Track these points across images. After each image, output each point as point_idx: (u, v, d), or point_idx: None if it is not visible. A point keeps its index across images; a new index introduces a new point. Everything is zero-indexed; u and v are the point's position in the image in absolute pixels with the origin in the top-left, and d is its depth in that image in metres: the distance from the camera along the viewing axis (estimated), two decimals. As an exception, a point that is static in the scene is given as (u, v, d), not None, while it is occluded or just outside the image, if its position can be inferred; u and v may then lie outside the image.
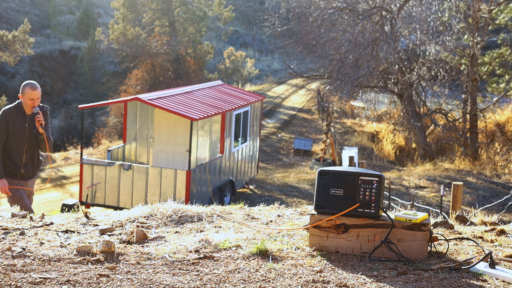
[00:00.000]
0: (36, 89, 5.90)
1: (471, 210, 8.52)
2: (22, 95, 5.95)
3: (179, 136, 13.97)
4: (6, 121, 5.96)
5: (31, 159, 6.17)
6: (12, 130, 5.98)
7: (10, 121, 5.95)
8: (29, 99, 5.89)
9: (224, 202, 14.17)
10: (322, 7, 21.81)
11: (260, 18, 29.33)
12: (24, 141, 6.05)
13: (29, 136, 6.06)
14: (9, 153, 6.05)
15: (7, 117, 5.95)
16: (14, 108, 6.04)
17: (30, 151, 6.12)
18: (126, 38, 30.57)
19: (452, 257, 3.22)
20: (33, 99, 5.90)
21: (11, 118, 5.95)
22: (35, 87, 5.91)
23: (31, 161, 6.17)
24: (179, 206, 4.20)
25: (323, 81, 24.05)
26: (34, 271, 2.92)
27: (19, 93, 5.99)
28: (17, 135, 6.00)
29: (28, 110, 6.00)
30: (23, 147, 6.07)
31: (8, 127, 5.97)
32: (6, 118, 5.95)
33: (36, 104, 5.95)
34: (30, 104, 5.91)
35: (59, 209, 13.75)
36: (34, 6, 42.60)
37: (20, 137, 6.02)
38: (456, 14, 22.01)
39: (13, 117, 5.96)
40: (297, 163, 21.35)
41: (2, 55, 24.01)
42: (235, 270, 3.04)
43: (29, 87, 5.88)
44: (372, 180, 3.29)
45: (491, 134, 22.84)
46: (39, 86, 6.02)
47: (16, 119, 5.98)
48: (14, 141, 6.01)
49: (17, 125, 5.99)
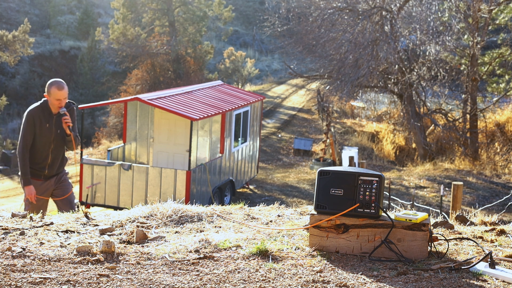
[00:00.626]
0: (62, 89, 5.58)
1: (471, 210, 8.52)
2: (48, 95, 5.63)
3: (179, 136, 13.97)
4: (33, 123, 5.66)
5: (56, 159, 5.89)
6: (38, 131, 5.69)
7: (37, 122, 5.66)
8: (56, 99, 5.58)
9: (224, 202, 14.17)
10: (322, 7, 21.80)
11: (260, 18, 29.33)
12: (50, 142, 5.77)
13: (56, 137, 5.79)
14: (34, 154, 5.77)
15: (34, 118, 5.65)
16: (40, 107, 5.72)
17: (56, 151, 5.85)
18: (126, 38, 30.57)
19: (452, 257, 3.22)
20: (60, 100, 5.60)
21: (37, 119, 5.65)
22: (61, 87, 5.59)
23: (56, 161, 5.89)
24: (179, 206, 4.20)
25: (323, 81, 24.05)
26: (34, 271, 2.92)
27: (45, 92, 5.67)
28: (43, 136, 5.72)
29: (55, 109, 5.69)
30: (49, 148, 5.79)
31: (35, 129, 5.68)
32: (33, 119, 5.65)
33: (63, 104, 5.65)
34: (56, 104, 5.62)
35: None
36: (34, 6, 42.60)
37: (46, 138, 5.73)
38: (456, 14, 22.01)
39: (40, 118, 5.67)
40: (297, 163, 21.35)
41: (2, 55, 24.01)
42: (235, 270, 3.04)
43: (55, 87, 5.57)
44: (372, 180, 3.29)
45: (491, 134, 22.83)
46: (65, 84, 5.71)
47: (43, 120, 5.68)
48: (40, 142, 5.73)
49: (43, 125, 5.70)
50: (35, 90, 35.56)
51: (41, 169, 5.79)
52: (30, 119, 5.64)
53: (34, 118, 5.65)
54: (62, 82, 5.66)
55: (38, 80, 36.00)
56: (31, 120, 5.64)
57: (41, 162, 5.78)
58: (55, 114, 5.72)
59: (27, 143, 5.69)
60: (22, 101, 34.42)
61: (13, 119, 31.90)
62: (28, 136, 5.67)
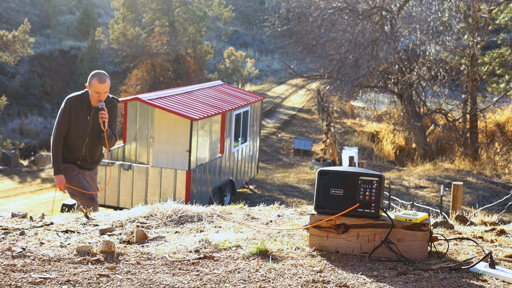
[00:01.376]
0: (104, 82, 5.25)
1: (471, 210, 8.52)
2: (89, 86, 5.33)
3: (179, 136, 13.97)
4: (69, 111, 5.37)
5: (91, 154, 5.60)
6: (74, 122, 5.40)
7: (73, 111, 5.36)
8: (95, 92, 5.28)
9: (224, 202, 14.17)
10: (322, 7, 21.81)
11: (260, 18, 29.34)
12: (85, 135, 5.47)
13: (92, 131, 5.46)
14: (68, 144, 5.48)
15: (71, 106, 5.36)
16: (80, 97, 5.42)
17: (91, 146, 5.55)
18: (126, 38, 30.58)
19: (452, 257, 3.22)
20: (99, 93, 5.28)
21: (74, 108, 5.36)
22: (103, 80, 5.26)
23: (90, 156, 5.60)
24: (179, 206, 4.20)
25: (323, 81, 24.06)
26: (34, 271, 2.92)
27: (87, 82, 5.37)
28: (78, 128, 5.42)
29: (94, 102, 5.39)
30: (83, 142, 5.50)
31: (70, 118, 5.39)
32: (70, 108, 5.36)
33: (102, 98, 5.32)
34: (96, 97, 5.31)
35: (59, 209, 13.74)
36: (34, 6, 42.60)
37: (82, 130, 5.44)
38: (456, 14, 22.02)
39: (77, 108, 5.37)
40: (297, 163, 21.35)
41: (2, 55, 24.01)
42: (235, 270, 3.04)
43: (96, 79, 5.26)
44: (372, 180, 3.29)
45: (491, 134, 22.84)
46: (108, 77, 5.36)
47: (80, 111, 5.39)
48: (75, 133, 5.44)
49: (80, 117, 5.40)
50: (35, 90, 35.56)
51: (74, 159, 5.55)
52: (67, 107, 5.37)
53: (71, 106, 5.37)
54: (105, 74, 5.34)
55: (38, 80, 36.00)
56: (68, 108, 5.37)
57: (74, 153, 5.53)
58: (94, 108, 5.42)
59: (60, 131, 5.41)
60: (22, 101, 34.43)
61: (13, 119, 31.90)
62: (62, 124, 5.39)
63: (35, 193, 16.57)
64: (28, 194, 16.47)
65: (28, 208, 14.02)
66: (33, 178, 18.79)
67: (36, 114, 33.43)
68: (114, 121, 5.53)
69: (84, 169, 5.65)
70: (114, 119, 5.53)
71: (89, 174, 5.73)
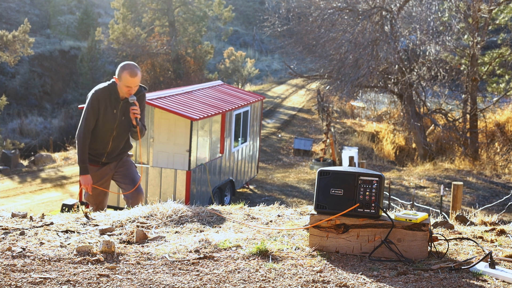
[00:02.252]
0: (135, 76, 4.91)
1: (471, 210, 8.52)
2: (118, 79, 4.99)
3: (179, 136, 13.97)
4: (98, 106, 5.04)
5: (117, 148, 5.28)
6: (102, 116, 5.07)
7: (101, 106, 5.03)
8: (126, 86, 4.95)
9: (224, 202, 14.17)
10: (322, 7, 21.81)
11: (260, 18, 29.34)
12: (112, 129, 5.14)
13: (119, 123, 5.16)
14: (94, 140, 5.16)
15: (99, 101, 5.03)
16: (107, 90, 5.07)
17: (117, 139, 5.23)
18: (126, 38, 30.58)
19: (452, 257, 3.22)
20: (130, 87, 4.97)
21: (103, 102, 5.03)
22: (134, 73, 4.92)
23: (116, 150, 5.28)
24: (179, 206, 4.20)
25: (323, 81, 24.06)
26: (34, 271, 2.92)
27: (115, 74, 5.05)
28: (106, 121, 5.10)
29: (123, 94, 5.05)
30: (110, 135, 5.17)
31: (99, 112, 5.06)
32: (98, 102, 5.03)
33: (133, 92, 5.00)
34: (126, 91, 4.99)
35: (59, 209, 13.76)
36: (34, 6, 42.60)
37: (109, 124, 5.12)
38: (456, 14, 22.02)
39: (105, 101, 5.05)
40: (297, 163, 21.35)
41: (2, 55, 24.01)
42: (235, 270, 3.04)
43: (127, 73, 4.91)
44: (372, 180, 3.29)
45: (491, 134, 22.84)
46: (139, 69, 5.00)
47: (108, 104, 5.06)
48: (102, 128, 5.12)
49: (108, 110, 5.08)
50: (35, 90, 35.57)
51: (98, 156, 5.25)
52: (95, 102, 5.04)
53: (99, 101, 5.04)
54: (136, 67, 4.99)
55: (38, 80, 36.00)
56: (96, 103, 5.03)
57: (99, 149, 5.22)
58: (122, 99, 5.10)
59: (88, 127, 5.08)
60: (22, 101, 34.43)
61: (13, 119, 31.91)
62: (90, 120, 5.06)
63: (35, 193, 16.58)
64: (28, 194, 16.47)
65: (28, 208, 14.02)
66: (33, 178, 18.79)
67: (36, 114, 33.44)
68: (142, 112, 5.22)
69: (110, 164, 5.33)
70: (143, 110, 5.22)
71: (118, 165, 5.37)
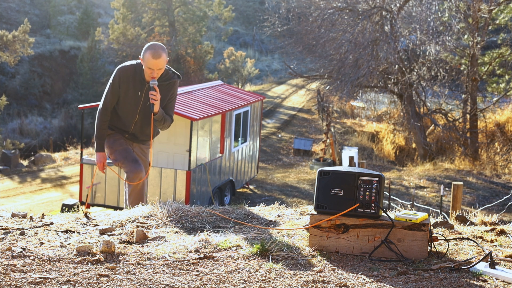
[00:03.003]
0: (158, 57, 4.48)
1: (471, 210, 8.52)
2: (142, 60, 4.60)
3: (179, 136, 13.97)
4: (119, 84, 4.70)
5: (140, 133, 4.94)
6: (123, 96, 4.72)
7: (123, 84, 4.68)
8: (148, 68, 4.55)
9: (224, 202, 14.17)
10: (322, 7, 21.81)
11: (260, 18, 29.35)
12: (135, 113, 4.80)
13: (143, 109, 4.78)
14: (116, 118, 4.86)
15: (121, 78, 4.68)
16: (133, 69, 4.70)
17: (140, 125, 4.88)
18: (126, 38, 30.59)
19: (452, 257, 3.22)
20: (152, 70, 4.55)
21: (125, 81, 4.68)
22: (157, 55, 4.49)
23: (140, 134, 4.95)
24: (179, 206, 4.20)
25: (323, 81, 24.07)
26: (34, 271, 2.92)
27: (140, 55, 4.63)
28: (128, 103, 4.75)
29: (148, 77, 4.65)
30: (132, 119, 4.84)
31: (120, 91, 4.71)
32: (119, 80, 4.68)
33: (155, 75, 4.57)
34: (149, 73, 4.59)
35: (59, 209, 13.77)
36: (34, 6, 42.60)
37: (132, 106, 4.76)
38: (456, 14, 22.02)
39: (128, 81, 4.68)
40: (297, 163, 21.35)
41: (2, 55, 24.01)
42: (235, 270, 3.04)
43: (149, 53, 4.49)
44: (372, 180, 3.29)
45: (491, 134, 22.84)
46: (165, 51, 4.55)
47: (131, 84, 4.69)
48: (124, 109, 4.79)
49: (131, 92, 4.71)
50: (35, 90, 35.57)
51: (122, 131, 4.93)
52: (116, 79, 4.70)
53: (121, 78, 4.69)
54: (161, 47, 4.54)
55: (38, 80, 36.01)
56: (117, 80, 4.70)
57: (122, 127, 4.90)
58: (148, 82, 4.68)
59: (107, 105, 4.76)
60: (22, 101, 34.44)
61: (13, 119, 31.91)
62: (110, 98, 4.74)
63: (35, 193, 16.58)
64: (28, 194, 16.47)
65: (28, 208, 14.02)
66: (33, 178, 18.79)
67: (36, 114, 33.44)
68: (171, 101, 4.81)
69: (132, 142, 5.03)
70: (172, 99, 4.81)
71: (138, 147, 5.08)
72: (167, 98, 4.79)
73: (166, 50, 4.62)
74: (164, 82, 4.72)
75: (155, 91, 4.55)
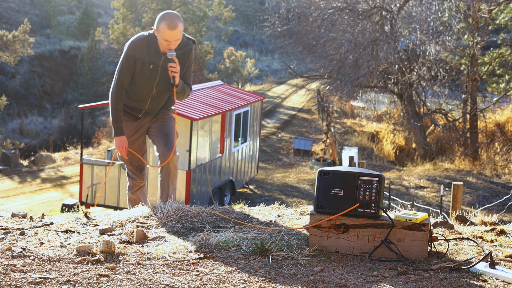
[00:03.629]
0: (175, 29, 4.22)
1: (471, 210, 8.52)
2: (156, 31, 4.33)
3: (179, 136, 13.97)
4: (134, 59, 4.43)
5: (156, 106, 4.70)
6: (138, 71, 4.47)
7: (138, 59, 4.42)
8: (164, 40, 4.29)
9: (224, 202, 14.17)
10: (322, 7, 21.81)
11: (260, 18, 29.34)
12: (151, 87, 4.54)
13: (160, 81, 4.52)
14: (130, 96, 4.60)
15: (136, 52, 4.41)
16: (147, 41, 4.40)
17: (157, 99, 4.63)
18: (126, 38, 30.58)
19: (452, 257, 3.22)
20: (169, 41, 4.29)
21: (140, 56, 4.41)
22: (173, 25, 4.22)
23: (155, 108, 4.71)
24: (179, 206, 4.20)
25: (323, 81, 24.07)
26: (34, 271, 2.92)
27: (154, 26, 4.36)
28: (144, 78, 4.49)
29: (164, 48, 4.38)
30: (149, 94, 4.58)
31: (135, 66, 4.45)
32: (134, 55, 4.42)
33: (172, 46, 4.31)
34: (165, 45, 4.33)
35: (59, 209, 13.77)
36: (34, 6, 42.60)
37: (148, 81, 4.51)
38: (456, 14, 22.02)
39: (143, 54, 4.41)
40: (297, 163, 21.35)
41: (2, 55, 24.01)
42: (235, 270, 3.04)
43: (165, 24, 4.22)
44: (372, 180, 3.29)
45: (491, 134, 22.84)
46: (181, 21, 4.28)
47: (146, 57, 4.42)
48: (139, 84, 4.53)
49: (146, 65, 4.45)
50: (35, 90, 35.57)
51: (135, 111, 4.70)
52: (130, 55, 4.43)
53: (135, 53, 4.43)
54: (177, 17, 4.28)
55: (38, 80, 36.01)
56: (131, 55, 4.43)
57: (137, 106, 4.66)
58: (164, 54, 4.42)
59: (122, 82, 4.50)
60: (22, 101, 34.45)
61: (13, 119, 31.92)
62: (125, 74, 4.47)
63: (35, 193, 16.58)
64: (28, 194, 16.47)
65: (28, 208, 14.02)
66: (33, 178, 18.80)
67: (36, 114, 33.45)
68: (188, 69, 4.57)
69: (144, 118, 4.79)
70: (189, 67, 4.56)
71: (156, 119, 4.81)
72: (185, 67, 4.55)
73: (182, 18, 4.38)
74: (181, 51, 4.46)
75: (174, 63, 4.34)
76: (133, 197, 5.04)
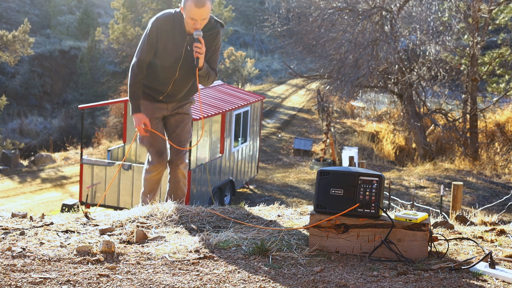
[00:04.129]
0: (202, 6, 3.98)
1: (471, 210, 8.52)
2: (183, 9, 4.08)
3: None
4: (157, 37, 4.18)
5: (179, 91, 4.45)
6: (161, 50, 4.22)
7: (161, 37, 4.18)
8: (190, 18, 4.04)
9: (224, 202, 14.17)
10: (322, 7, 21.81)
11: (260, 18, 29.34)
12: (175, 69, 4.30)
13: (184, 64, 4.27)
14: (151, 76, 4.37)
15: (159, 30, 4.16)
16: (172, 19, 4.17)
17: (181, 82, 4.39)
18: (126, 38, 30.60)
19: (452, 257, 3.22)
20: (196, 20, 4.04)
21: (163, 34, 4.17)
22: (201, 3, 3.97)
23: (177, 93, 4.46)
24: (179, 206, 4.20)
25: (323, 81, 24.07)
26: (34, 271, 2.92)
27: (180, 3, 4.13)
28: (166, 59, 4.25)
29: (190, 28, 4.12)
30: (172, 76, 4.34)
31: (158, 45, 4.21)
32: (157, 33, 4.16)
33: (199, 26, 4.07)
34: (191, 24, 4.07)
35: (59, 209, 13.77)
36: (34, 6, 42.60)
37: (171, 63, 4.27)
38: (456, 14, 22.02)
39: (167, 33, 4.17)
40: (297, 163, 21.35)
41: (2, 55, 24.01)
42: (235, 270, 3.04)
43: (192, 2, 3.98)
44: (372, 180, 3.29)
45: (491, 134, 22.84)
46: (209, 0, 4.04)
47: (170, 37, 4.17)
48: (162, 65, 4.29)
49: (170, 46, 4.20)
50: (35, 90, 35.57)
51: (155, 93, 4.45)
52: (153, 32, 4.18)
53: (158, 31, 4.17)
54: None
55: (38, 80, 36.01)
56: (154, 33, 4.18)
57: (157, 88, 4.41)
58: (190, 35, 4.18)
59: (142, 60, 4.27)
60: (22, 101, 34.45)
61: (13, 119, 31.92)
62: (146, 52, 4.23)
63: (35, 193, 16.58)
64: (28, 194, 16.47)
65: (28, 208, 14.02)
66: (33, 178, 18.80)
67: (36, 114, 33.45)
68: (215, 53, 4.34)
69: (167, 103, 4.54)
70: (216, 51, 4.34)
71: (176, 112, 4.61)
72: (211, 50, 4.31)
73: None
74: (207, 33, 4.21)
75: (200, 43, 4.09)
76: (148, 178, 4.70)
